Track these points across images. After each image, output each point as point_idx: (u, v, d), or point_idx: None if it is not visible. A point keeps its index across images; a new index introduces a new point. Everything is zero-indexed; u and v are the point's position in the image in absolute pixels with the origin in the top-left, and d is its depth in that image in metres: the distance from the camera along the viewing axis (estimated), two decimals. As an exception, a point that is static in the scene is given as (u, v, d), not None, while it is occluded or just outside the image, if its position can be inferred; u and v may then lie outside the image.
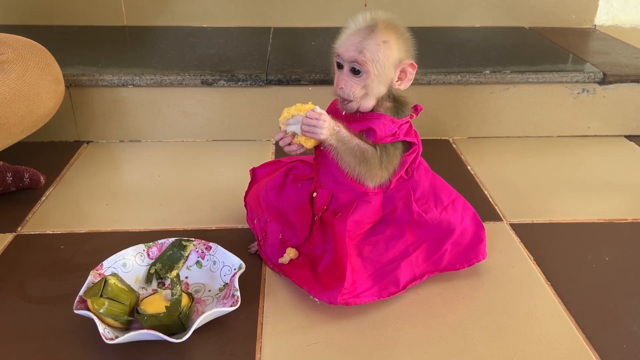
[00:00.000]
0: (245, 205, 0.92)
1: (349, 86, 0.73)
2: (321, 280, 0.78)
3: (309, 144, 0.75)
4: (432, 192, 0.82)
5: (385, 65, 0.72)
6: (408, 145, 0.79)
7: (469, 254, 0.82)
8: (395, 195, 0.80)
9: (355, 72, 0.73)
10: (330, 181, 0.81)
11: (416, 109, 0.80)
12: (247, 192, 0.94)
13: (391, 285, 0.78)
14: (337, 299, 0.74)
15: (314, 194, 0.83)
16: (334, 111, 0.79)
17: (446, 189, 0.83)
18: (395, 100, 0.77)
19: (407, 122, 0.77)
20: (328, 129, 0.72)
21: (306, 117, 0.72)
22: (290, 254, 0.83)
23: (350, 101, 0.75)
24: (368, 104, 0.75)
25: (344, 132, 0.73)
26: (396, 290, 0.78)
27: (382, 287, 0.77)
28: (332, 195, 0.81)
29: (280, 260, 0.83)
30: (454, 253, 0.81)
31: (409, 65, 0.74)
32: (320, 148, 0.77)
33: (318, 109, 0.72)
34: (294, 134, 0.75)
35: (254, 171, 0.96)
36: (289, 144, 0.76)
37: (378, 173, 0.76)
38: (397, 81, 0.74)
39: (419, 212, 0.79)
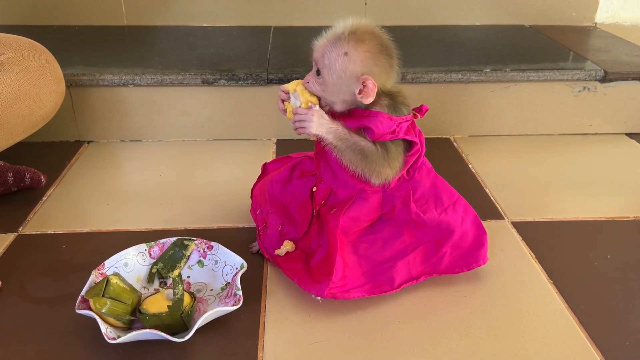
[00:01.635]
0: (251, 197, 0.93)
1: (311, 83, 0.76)
2: (312, 274, 0.78)
3: (290, 115, 0.77)
4: (432, 193, 0.81)
5: (341, 77, 0.72)
6: (409, 145, 0.78)
7: (470, 257, 0.82)
8: (394, 194, 0.80)
9: (318, 72, 0.74)
10: (330, 176, 0.81)
11: (421, 109, 0.80)
12: (254, 185, 0.94)
13: (385, 284, 0.78)
14: (324, 292, 0.74)
15: (314, 189, 0.83)
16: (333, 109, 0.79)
17: (448, 191, 0.83)
18: (392, 98, 0.76)
19: (407, 120, 0.77)
20: (318, 124, 0.73)
21: (297, 112, 0.74)
22: (287, 246, 0.83)
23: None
24: (336, 107, 0.76)
25: (341, 130, 0.74)
26: (389, 289, 0.78)
27: (376, 285, 0.77)
28: (331, 190, 0.81)
29: (277, 252, 0.84)
30: (454, 256, 0.81)
31: (369, 81, 0.71)
32: (319, 143, 0.77)
33: (316, 107, 0.74)
34: (288, 104, 0.77)
35: (265, 166, 0.97)
36: (282, 101, 0.78)
37: (382, 170, 0.75)
38: (358, 94, 0.72)
39: (417, 212, 0.79)
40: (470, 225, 0.82)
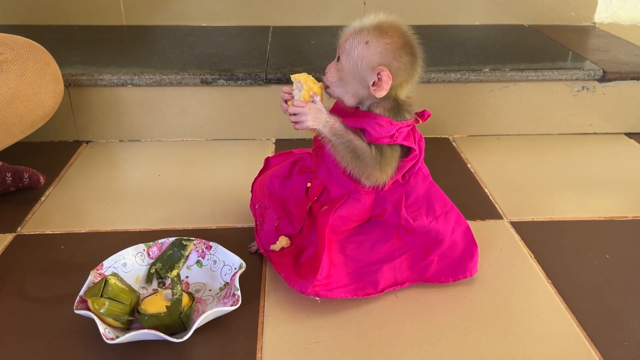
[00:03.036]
0: (252, 191, 0.93)
1: (329, 71, 0.76)
2: (299, 270, 0.78)
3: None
4: (425, 200, 0.81)
5: (358, 64, 0.72)
6: (407, 151, 0.78)
7: (457, 268, 0.81)
8: (387, 197, 0.80)
9: (338, 59, 0.75)
10: (324, 173, 0.81)
11: (423, 114, 0.80)
12: (255, 179, 0.94)
13: (369, 286, 0.77)
14: (307, 289, 0.74)
15: (309, 185, 0.83)
16: (337, 108, 0.80)
17: (441, 199, 0.82)
18: (396, 102, 0.76)
19: (407, 125, 0.76)
20: (314, 118, 0.73)
21: (293, 104, 0.74)
22: (282, 242, 0.83)
23: (329, 87, 0.76)
24: (346, 99, 0.76)
25: (338, 125, 0.74)
26: (373, 292, 0.77)
27: (360, 287, 0.77)
28: (325, 187, 0.81)
29: (272, 247, 0.84)
30: (441, 265, 0.81)
31: (384, 72, 0.70)
32: (317, 139, 0.77)
33: (317, 99, 0.74)
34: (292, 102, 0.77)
35: (267, 160, 0.97)
36: (285, 102, 0.77)
37: (372, 172, 0.75)
38: (372, 86, 0.72)
39: (406, 218, 0.79)
40: (460, 236, 0.82)
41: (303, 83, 0.75)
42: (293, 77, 0.76)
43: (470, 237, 0.82)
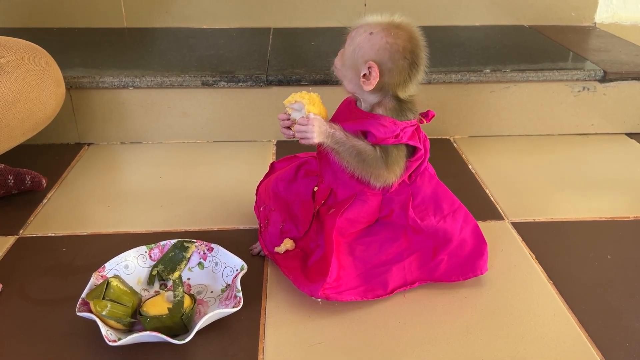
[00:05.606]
0: (256, 194, 0.93)
1: (338, 55, 0.78)
2: (308, 274, 0.78)
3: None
4: (433, 200, 0.81)
5: (355, 52, 0.74)
6: (412, 150, 0.78)
7: (467, 267, 0.81)
8: (394, 198, 0.80)
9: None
10: (330, 176, 0.81)
11: (427, 114, 0.80)
12: (260, 182, 0.94)
13: (379, 287, 0.78)
14: (318, 292, 0.74)
15: (316, 188, 0.84)
16: (344, 107, 0.81)
17: (449, 198, 0.82)
18: (398, 102, 0.76)
19: (412, 125, 0.76)
20: (319, 132, 0.73)
21: (297, 123, 0.74)
22: (287, 244, 0.83)
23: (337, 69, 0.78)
24: (345, 83, 0.77)
25: (338, 134, 0.74)
26: (383, 293, 0.78)
27: (369, 288, 0.77)
28: (331, 190, 0.81)
29: (276, 249, 0.84)
30: (450, 264, 0.81)
31: (373, 68, 0.72)
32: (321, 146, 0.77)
33: (311, 115, 0.74)
34: (294, 121, 0.76)
35: (272, 165, 0.97)
36: (288, 128, 0.77)
37: (380, 173, 0.75)
38: (362, 77, 0.73)
39: (414, 218, 0.79)
40: (469, 234, 0.82)
41: (305, 102, 0.74)
42: (289, 99, 0.76)
43: (479, 235, 0.82)
